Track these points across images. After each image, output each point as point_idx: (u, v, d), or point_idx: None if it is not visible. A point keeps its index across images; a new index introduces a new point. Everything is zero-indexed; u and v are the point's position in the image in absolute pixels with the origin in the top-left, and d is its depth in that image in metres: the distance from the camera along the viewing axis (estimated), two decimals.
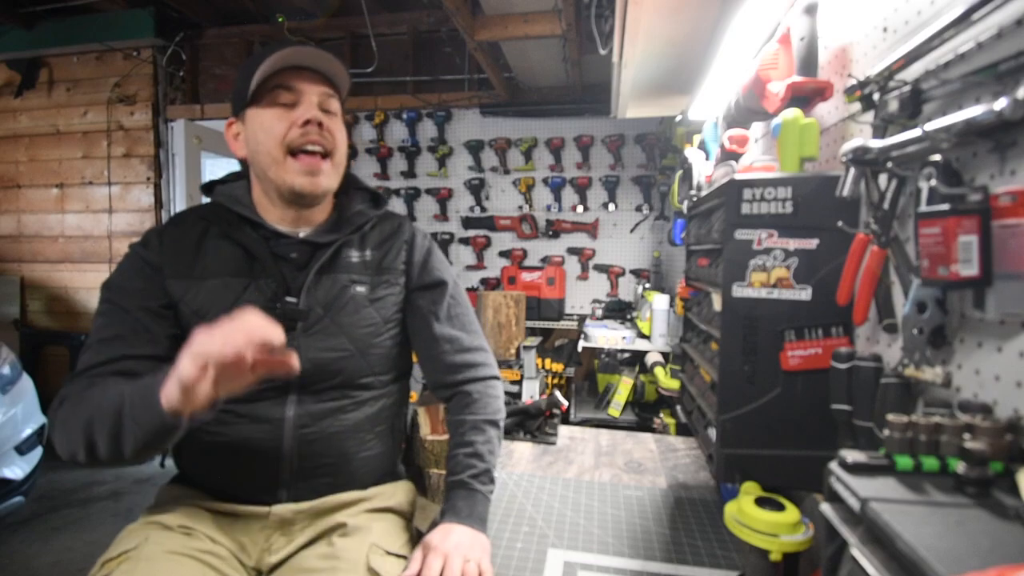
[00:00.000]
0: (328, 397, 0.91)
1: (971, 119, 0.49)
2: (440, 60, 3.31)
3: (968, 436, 0.44)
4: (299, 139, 0.87)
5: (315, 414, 0.89)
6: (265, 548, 0.88)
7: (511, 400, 1.51)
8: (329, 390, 0.90)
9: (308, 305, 0.90)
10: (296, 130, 0.87)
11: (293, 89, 0.88)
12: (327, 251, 0.92)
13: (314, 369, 0.88)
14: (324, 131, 0.88)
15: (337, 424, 0.91)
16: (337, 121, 0.93)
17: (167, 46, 3.44)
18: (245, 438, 0.87)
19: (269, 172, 0.89)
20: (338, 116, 0.94)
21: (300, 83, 0.89)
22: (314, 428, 0.89)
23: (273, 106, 0.88)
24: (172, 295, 0.88)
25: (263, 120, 0.88)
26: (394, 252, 0.99)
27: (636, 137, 3.06)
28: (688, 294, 1.21)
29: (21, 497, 2.27)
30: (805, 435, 0.75)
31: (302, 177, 0.88)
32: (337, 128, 0.92)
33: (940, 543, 0.35)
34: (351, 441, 0.92)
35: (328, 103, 0.92)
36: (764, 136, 1.23)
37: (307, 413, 0.89)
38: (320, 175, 0.89)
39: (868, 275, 0.65)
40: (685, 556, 0.82)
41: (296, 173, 0.88)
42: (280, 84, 0.88)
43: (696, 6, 1.13)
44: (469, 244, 3.31)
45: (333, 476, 0.91)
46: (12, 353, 2.47)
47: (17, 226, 3.65)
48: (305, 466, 0.89)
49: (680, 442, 1.33)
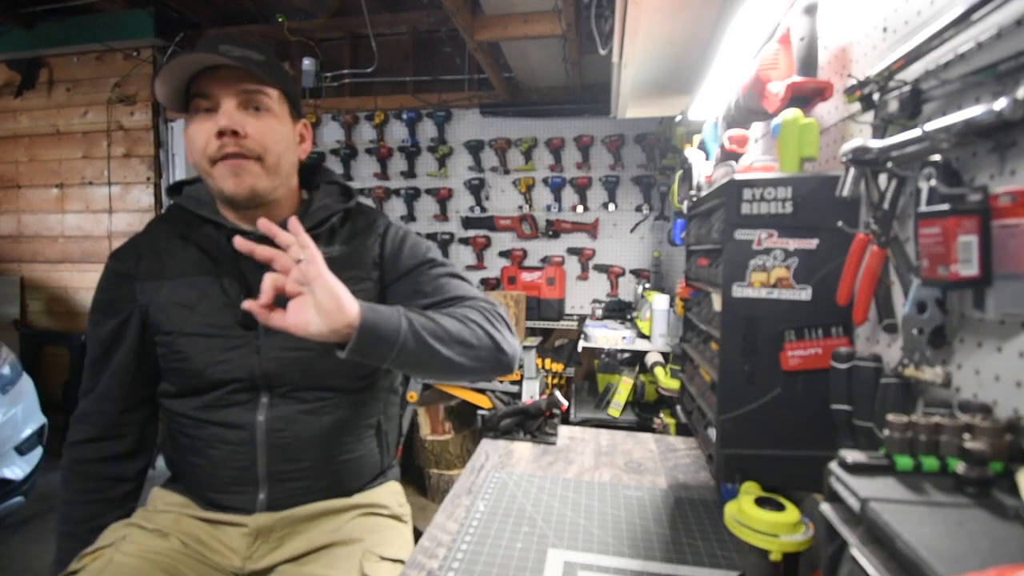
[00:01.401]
0: (298, 399, 0.89)
1: (971, 119, 0.49)
2: (440, 60, 3.31)
3: (968, 436, 0.44)
4: (216, 152, 0.84)
5: (287, 418, 0.88)
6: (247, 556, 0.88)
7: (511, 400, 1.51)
8: (298, 391, 0.89)
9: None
10: (214, 142, 0.84)
11: (209, 96, 0.84)
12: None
13: (278, 369, 0.87)
14: (242, 138, 0.84)
15: (311, 428, 0.89)
16: (266, 119, 0.87)
17: (167, 46, 3.44)
18: (219, 443, 0.88)
19: (207, 181, 0.89)
20: (270, 111, 0.88)
21: (216, 87, 0.84)
22: (287, 432, 0.88)
23: (197, 114, 0.86)
24: (141, 299, 0.91)
25: (190, 131, 0.87)
26: (365, 247, 0.96)
27: (636, 137, 3.06)
28: (688, 294, 1.21)
29: (21, 497, 2.27)
30: (805, 435, 0.75)
31: (228, 181, 0.86)
32: (264, 129, 0.86)
33: (940, 543, 0.35)
34: (328, 445, 0.91)
35: (255, 99, 0.86)
36: (764, 136, 1.23)
37: (279, 417, 0.88)
38: (244, 175, 0.85)
39: (868, 275, 0.65)
40: (685, 556, 0.82)
41: (223, 177, 0.86)
42: (198, 92, 0.85)
43: (696, 6, 1.13)
44: (469, 244, 3.31)
45: (312, 480, 0.90)
46: (12, 353, 2.46)
47: (17, 226, 3.65)
48: (280, 470, 0.88)
49: (680, 442, 1.33)
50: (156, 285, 0.91)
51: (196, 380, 0.88)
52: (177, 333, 0.88)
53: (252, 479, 0.88)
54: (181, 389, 0.91)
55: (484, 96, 3.21)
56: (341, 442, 0.93)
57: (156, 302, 0.90)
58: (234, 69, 0.84)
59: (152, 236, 0.96)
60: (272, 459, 0.88)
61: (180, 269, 0.91)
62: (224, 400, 0.88)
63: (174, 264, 0.92)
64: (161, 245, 0.94)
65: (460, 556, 0.81)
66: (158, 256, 0.93)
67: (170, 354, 0.90)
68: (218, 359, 0.87)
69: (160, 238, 0.95)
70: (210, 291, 0.89)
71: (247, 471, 0.88)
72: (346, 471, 0.95)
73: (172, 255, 0.92)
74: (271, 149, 0.87)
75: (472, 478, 1.09)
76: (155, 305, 0.90)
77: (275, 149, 0.88)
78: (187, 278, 0.90)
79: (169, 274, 0.91)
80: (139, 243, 0.95)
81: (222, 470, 0.88)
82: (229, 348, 0.87)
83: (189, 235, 0.92)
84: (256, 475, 0.88)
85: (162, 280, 0.91)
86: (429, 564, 0.79)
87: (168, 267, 0.92)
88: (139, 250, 0.94)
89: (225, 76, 0.85)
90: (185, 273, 0.91)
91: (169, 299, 0.89)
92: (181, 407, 0.90)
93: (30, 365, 3.28)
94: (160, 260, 0.92)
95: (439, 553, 0.82)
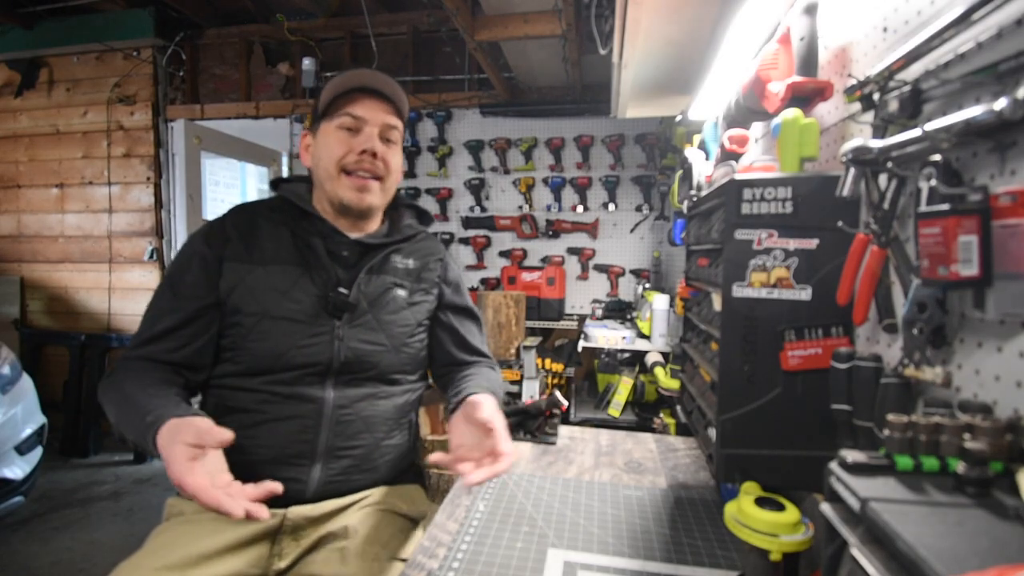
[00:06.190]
0: (362, 386, 0.98)
1: (971, 119, 0.49)
2: (440, 60, 3.31)
3: (968, 436, 0.44)
4: (353, 164, 0.98)
5: (352, 398, 0.96)
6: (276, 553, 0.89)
7: (511, 400, 1.51)
8: (363, 380, 0.98)
9: (356, 299, 0.98)
10: (353, 156, 0.97)
11: (359, 118, 0.98)
12: (379, 253, 1.02)
13: (353, 359, 0.96)
14: (378, 160, 0.98)
15: (371, 409, 0.98)
16: (395, 149, 1.03)
17: (167, 46, 3.44)
18: (288, 415, 0.93)
19: (325, 184, 1.00)
20: (397, 144, 1.04)
21: (365, 111, 0.98)
22: (351, 410, 0.96)
23: (339, 130, 0.98)
24: (229, 279, 0.95)
25: (328, 141, 0.99)
26: (429, 267, 1.10)
27: (636, 137, 3.06)
28: (688, 294, 1.21)
29: (21, 497, 2.28)
30: (805, 435, 0.75)
31: (351, 192, 0.98)
32: (392, 156, 1.02)
33: (940, 543, 0.35)
34: (382, 427, 1.00)
35: (390, 133, 1.01)
36: (764, 136, 1.23)
37: (345, 396, 0.96)
38: (368, 193, 0.99)
39: (868, 275, 0.65)
40: (685, 556, 0.82)
41: (347, 188, 0.98)
42: (348, 112, 0.98)
43: (696, 6, 1.13)
44: (469, 244, 3.31)
45: (361, 461, 0.97)
46: (12, 353, 2.46)
47: (17, 226, 3.65)
48: (339, 447, 0.95)
49: (680, 442, 1.33)
50: (247, 268, 0.96)
51: (272, 361, 0.92)
52: (263, 315, 0.93)
53: (311, 453, 0.93)
54: (250, 369, 0.93)
55: (484, 96, 3.21)
56: (388, 429, 1.01)
57: (245, 283, 0.95)
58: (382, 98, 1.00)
59: (245, 220, 1.01)
60: (334, 435, 0.94)
61: (273, 255, 0.97)
62: (295, 379, 0.94)
63: (266, 250, 0.98)
64: (251, 230, 0.99)
65: (460, 556, 0.81)
66: (246, 240, 0.98)
67: (249, 334, 0.93)
68: (300, 343, 0.93)
69: (252, 223, 1.00)
70: (301, 280, 0.96)
71: (309, 444, 0.93)
72: (387, 456, 1.01)
73: (265, 241, 0.99)
74: (392, 174, 1.03)
75: None
76: (243, 286, 0.94)
77: (394, 176, 1.04)
78: (280, 265, 0.97)
79: (260, 259, 0.97)
80: (226, 225, 1.00)
81: (285, 442, 0.92)
82: (312, 335, 0.94)
83: (288, 225, 1.00)
84: (316, 449, 0.93)
85: (252, 263, 0.96)
86: (429, 564, 0.79)
87: (259, 252, 0.97)
88: (228, 233, 0.99)
89: (376, 103, 1.00)
90: (277, 260, 0.97)
91: (261, 282, 0.95)
92: (247, 384, 0.93)
93: (30, 365, 3.29)
94: (248, 244, 0.98)
95: (439, 553, 0.82)
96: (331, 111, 0.99)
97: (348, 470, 0.95)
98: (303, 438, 0.92)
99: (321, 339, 0.94)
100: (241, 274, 0.95)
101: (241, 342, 0.93)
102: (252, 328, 0.93)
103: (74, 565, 2.12)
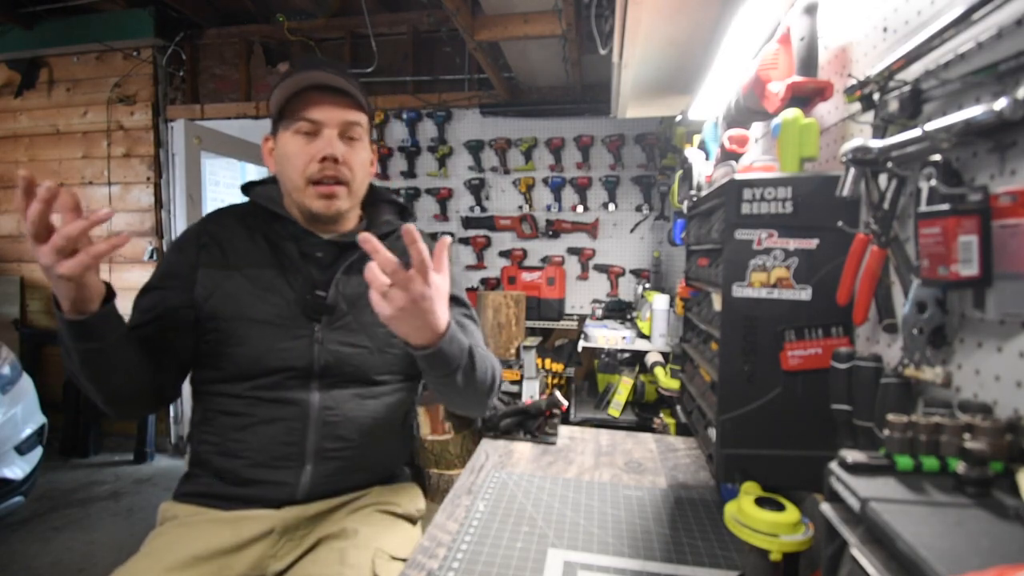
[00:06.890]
0: (348, 388, 0.96)
1: (971, 119, 0.49)
2: (440, 60, 3.31)
3: (968, 436, 0.44)
4: (317, 174, 0.94)
5: (338, 399, 0.95)
6: (271, 555, 0.89)
7: (511, 400, 1.51)
8: (347, 383, 0.96)
9: (335, 300, 0.96)
10: (315, 165, 0.93)
11: (315, 121, 0.94)
12: (355, 252, 0.99)
13: (333, 362, 0.94)
14: (340, 165, 0.94)
15: (359, 410, 0.97)
16: (358, 147, 0.98)
17: (167, 46, 3.44)
18: (273, 418, 0.92)
19: (293, 194, 0.98)
20: (361, 140, 0.99)
21: (321, 113, 0.93)
22: (337, 412, 0.95)
23: (297, 135, 0.95)
24: (205, 286, 0.94)
25: (287, 150, 0.95)
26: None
27: (636, 137, 3.06)
28: (688, 294, 1.21)
29: (21, 497, 2.28)
30: (805, 435, 0.75)
31: (319, 201, 0.95)
32: (355, 155, 0.97)
33: (940, 543, 0.35)
34: (372, 428, 0.98)
35: (351, 130, 0.96)
36: (764, 136, 1.23)
37: (330, 398, 0.95)
38: (335, 199, 0.96)
39: (868, 275, 0.65)
40: (685, 556, 0.82)
41: (314, 198, 0.95)
42: (304, 116, 0.93)
43: (696, 6, 1.13)
44: (469, 244, 3.31)
45: (352, 462, 0.96)
46: (12, 353, 2.47)
47: (17, 226, 3.65)
48: (328, 448, 0.94)
49: (680, 442, 1.33)
50: (224, 274, 0.95)
51: (251, 366, 0.92)
52: (240, 319, 0.92)
53: (300, 455, 0.92)
54: (231, 374, 0.93)
55: (484, 96, 3.21)
56: (378, 430, 0.99)
57: (223, 288, 0.94)
58: (337, 94, 0.94)
59: (215, 227, 1.00)
60: (322, 436, 0.93)
61: (248, 259, 0.96)
62: (277, 383, 0.93)
63: (240, 254, 0.97)
64: (226, 235, 0.99)
65: (460, 556, 0.81)
66: (221, 245, 0.97)
67: (228, 339, 0.92)
68: (278, 347, 0.92)
69: (226, 229, 0.99)
70: (276, 283, 0.95)
71: (296, 446, 0.92)
72: (377, 456, 1.01)
73: (238, 246, 0.98)
74: (357, 176, 0.98)
75: (472, 478, 1.09)
76: (220, 291, 0.94)
77: (360, 175, 0.99)
78: (256, 269, 0.96)
79: (236, 264, 0.96)
80: (201, 232, 0.99)
81: (273, 445, 0.91)
82: (292, 338, 0.93)
83: (260, 229, 0.99)
84: (305, 451, 0.92)
85: (228, 269, 0.95)
86: (429, 564, 0.79)
87: (235, 257, 0.96)
88: (200, 240, 0.98)
89: (329, 101, 0.94)
90: (254, 264, 0.96)
91: (238, 286, 0.94)
92: (231, 389, 0.93)
93: (30, 365, 3.29)
94: (223, 249, 0.97)
95: (439, 553, 0.82)
96: (286, 115, 0.95)
97: (340, 470, 0.95)
98: (290, 440, 0.91)
99: (300, 342, 0.93)
100: (218, 280, 0.94)
101: (221, 348, 0.93)
102: (231, 333, 0.92)
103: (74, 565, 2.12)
